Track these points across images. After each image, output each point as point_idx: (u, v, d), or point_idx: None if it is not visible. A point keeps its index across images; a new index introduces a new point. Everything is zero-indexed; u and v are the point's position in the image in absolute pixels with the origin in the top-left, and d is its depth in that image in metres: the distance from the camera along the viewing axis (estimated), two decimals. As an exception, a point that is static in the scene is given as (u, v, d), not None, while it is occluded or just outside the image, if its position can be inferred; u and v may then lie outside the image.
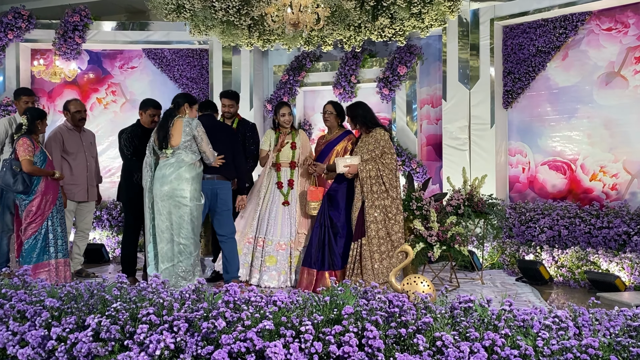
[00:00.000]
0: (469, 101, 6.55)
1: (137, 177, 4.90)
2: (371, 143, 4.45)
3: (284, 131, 5.02)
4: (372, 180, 4.38)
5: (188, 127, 4.25)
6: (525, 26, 6.39)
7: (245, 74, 7.55)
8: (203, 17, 6.26)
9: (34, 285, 2.77)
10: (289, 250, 4.79)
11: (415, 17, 6.02)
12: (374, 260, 4.30)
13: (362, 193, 4.40)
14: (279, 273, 4.74)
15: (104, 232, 7.02)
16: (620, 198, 5.75)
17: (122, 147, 5.00)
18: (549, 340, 2.05)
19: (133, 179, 4.90)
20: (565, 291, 4.94)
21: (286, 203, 4.87)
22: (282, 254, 4.78)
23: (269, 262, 4.75)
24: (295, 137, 5.00)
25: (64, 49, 7.44)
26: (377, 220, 4.34)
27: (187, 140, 4.25)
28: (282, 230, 4.81)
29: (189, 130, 4.24)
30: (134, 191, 4.89)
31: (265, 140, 5.05)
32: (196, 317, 2.25)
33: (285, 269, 4.76)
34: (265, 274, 4.73)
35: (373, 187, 4.37)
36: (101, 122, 7.88)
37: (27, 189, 4.61)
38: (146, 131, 5.01)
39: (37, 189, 4.64)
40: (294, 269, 4.79)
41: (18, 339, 2.41)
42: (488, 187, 5.71)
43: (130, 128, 5.08)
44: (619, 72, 5.83)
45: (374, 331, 2.05)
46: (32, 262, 4.59)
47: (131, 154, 4.92)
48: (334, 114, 4.91)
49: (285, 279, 4.76)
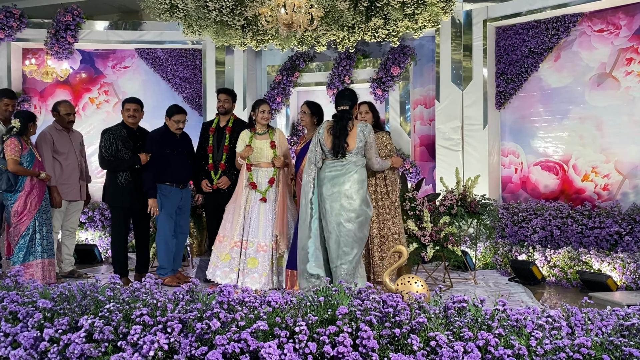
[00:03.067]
0: (462, 102, 6.57)
1: (121, 178, 4.90)
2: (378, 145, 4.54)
3: (260, 129, 4.89)
4: (377, 181, 4.51)
5: (362, 132, 4.14)
6: (518, 27, 6.43)
7: (239, 74, 7.53)
8: (196, 17, 6.25)
9: (26, 286, 2.75)
10: (270, 251, 4.70)
11: (408, 17, 6.04)
12: (374, 258, 4.42)
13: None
14: (260, 275, 4.64)
15: (96, 233, 6.98)
16: (612, 198, 5.79)
17: (101, 147, 4.98)
18: (542, 339, 2.06)
19: (117, 180, 4.93)
20: (557, 291, 4.96)
21: (263, 200, 4.76)
22: (263, 256, 4.68)
23: (250, 264, 4.67)
24: (273, 136, 4.89)
25: (56, 49, 7.39)
26: (380, 220, 4.47)
27: (361, 145, 4.13)
28: (263, 232, 4.72)
29: (363, 137, 4.12)
30: (119, 192, 4.93)
31: (240, 143, 4.91)
32: (190, 318, 2.24)
33: (267, 271, 4.65)
34: (247, 276, 4.65)
35: (377, 188, 4.51)
36: (93, 121, 7.85)
37: (10, 188, 4.70)
38: (130, 131, 5.01)
39: (22, 189, 4.72)
40: (276, 270, 4.69)
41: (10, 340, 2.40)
42: (481, 187, 5.73)
43: (113, 128, 5.08)
44: (611, 73, 5.87)
45: (368, 331, 2.05)
46: (20, 262, 4.64)
47: (109, 155, 4.92)
48: (307, 113, 4.84)
49: (267, 281, 4.65)
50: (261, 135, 4.89)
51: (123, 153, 4.93)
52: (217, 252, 4.79)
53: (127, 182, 4.94)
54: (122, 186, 4.93)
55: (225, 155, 5.09)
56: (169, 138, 5.07)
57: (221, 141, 5.15)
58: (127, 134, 5.00)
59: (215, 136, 5.17)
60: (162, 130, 5.10)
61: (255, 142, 4.86)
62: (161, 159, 4.97)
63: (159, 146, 4.99)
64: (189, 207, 5.22)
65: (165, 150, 4.99)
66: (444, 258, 5.04)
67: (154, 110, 7.51)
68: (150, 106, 7.58)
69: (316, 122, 4.87)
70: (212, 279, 4.76)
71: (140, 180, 4.94)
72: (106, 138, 4.96)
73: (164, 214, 4.98)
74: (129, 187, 4.94)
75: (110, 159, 4.93)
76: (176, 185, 5.02)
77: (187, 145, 5.18)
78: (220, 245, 4.80)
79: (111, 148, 4.92)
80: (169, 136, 5.08)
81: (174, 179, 5.00)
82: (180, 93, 7.81)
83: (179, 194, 5.06)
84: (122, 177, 4.94)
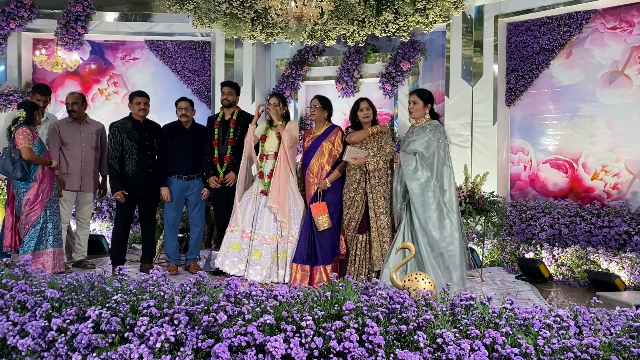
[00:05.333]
0: (472, 98, 6.52)
1: (128, 169, 5.02)
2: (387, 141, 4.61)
3: (274, 121, 4.85)
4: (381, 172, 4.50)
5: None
6: (530, 24, 6.37)
7: (248, 67, 7.51)
8: (206, 9, 6.23)
9: (34, 276, 2.77)
10: (274, 244, 4.70)
11: (419, 12, 5.99)
12: (385, 249, 4.45)
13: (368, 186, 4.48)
14: (262, 268, 4.66)
15: (104, 224, 7.02)
16: (622, 197, 5.75)
17: (108, 141, 5.19)
18: (549, 339, 2.05)
19: (124, 170, 5.05)
20: (564, 290, 4.94)
21: (264, 193, 4.77)
22: (267, 248, 4.69)
23: (255, 256, 4.69)
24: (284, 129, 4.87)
25: (66, 39, 7.40)
26: (387, 212, 4.49)
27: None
28: (267, 224, 4.72)
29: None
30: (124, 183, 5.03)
31: (258, 132, 4.92)
32: (197, 311, 2.24)
33: (268, 264, 4.66)
34: (251, 267, 4.68)
35: (381, 180, 4.49)
36: (102, 113, 7.85)
37: (25, 176, 4.73)
38: (137, 124, 5.08)
39: (34, 177, 4.77)
40: (281, 264, 4.69)
41: (18, 329, 2.41)
42: (489, 184, 5.70)
43: (119, 122, 5.20)
44: (623, 71, 5.81)
45: (374, 327, 2.04)
46: (30, 251, 4.67)
47: (114, 149, 5.05)
48: (318, 107, 4.80)
49: (269, 274, 4.66)
50: (275, 127, 4.90)
51: (128, 145, 5.05)
52: (227, 241, 4.81)
53: (133, 172, 5.05)
54: (128, 176, 5.02)
55: (230, 148, 5.10)
56: (175, 130, 5.22)
57: (226, 134, 5.16)
58: (133, 126, 5.12)
59: (220, 129, 5.19)
60: (174, 122, 5.32)
61: (269, 133, 4.92)
62: (164, 149, 5.17)
63: (165, 137, 5.19)
64: (198, 199, 5.23)
65: (168, 141, 5.16)
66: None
67: (163, 102, 7.54)
68: (159, 98, 7.62)
69: (326, 116, 4.86)
70: (220, 267, 4.79)
71: (145, 171, 5.09)
72: (112, 132, 5.12)
73: (166, 204, 5.18)
74: (135, 177, 5.06)
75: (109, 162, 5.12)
76: (177, 176, 5.08)
77: (194, 137, 5.20)
78: (231, 235, 4.81)
79: (115, 142, 5.07)
80: (175, 128, 5.23)
81: (174, 170, 5.13)
82: (189, 85, 7.80)
83: (181, 184, 5.12)
84: (129, 167, 5.03)
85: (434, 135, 4.28)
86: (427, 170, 4.24)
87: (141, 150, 5.08)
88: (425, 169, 4.24)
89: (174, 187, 5.15)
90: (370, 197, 4.46)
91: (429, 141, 4.26)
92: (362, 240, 4.54)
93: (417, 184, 4.23)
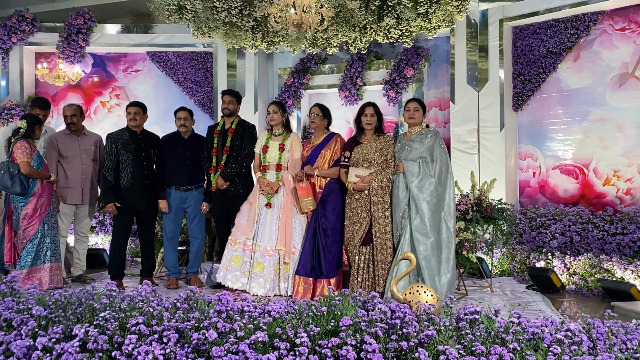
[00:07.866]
0: (478, 104, 6.41)
1: (123, 180, 4.97)
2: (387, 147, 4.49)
3: (275, 130, 4.85)
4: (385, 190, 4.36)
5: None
6: (536, 27, 6.25)
7: (250, 77, 7.46)
8: (205, 19, 6.18)
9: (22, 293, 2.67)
10: (276, 256, 4.61)
11: (421, 17, 5.89)
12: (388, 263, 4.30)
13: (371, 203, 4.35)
14: (265, 280, 4.56)
15: (106, 237, 6.94)
16: (635, 203, 5.57)
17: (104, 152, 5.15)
18: (561, 355, 1.91)
19: (120, 182, 4.98)
20: (577, 300, 4.77)
21: (268, 205, 4.70)
22: (269, 260, 4.59)
23: (257, 269, 4.60)
24: (286, 139, 4.81)
25: (68, 52, 7.40)
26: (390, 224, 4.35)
27: None
28: (269, 235, 4.64)
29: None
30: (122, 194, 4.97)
31: (258, 143, 4.91)
32: (187, 328, 2.15)
33: (272, 276, 4.56)
34: (253, 280, 4.59)
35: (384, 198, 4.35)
36: (105, 125, 7.82)
37: (24, 190, 4.69)
38: (133, 134, 5.01)
39: (33, 192, 4.72)
40: (283, 276, 4.58)
41: (4, 348, 2.33)
42: (497, 191, 5.56)
43: (115, 132, 5.18)
44: (633, 73, 5.67)
45: (373, 344, 1.93)
46: (27, 266, 4.60)
47: (109, 160, 5.00)
48: (319, 115, 4.76)
49: (273, 287, 4.56)
50: (276, 136, 4.85)
51: (124, 156, 4.99)
52: (228, 255, 4.72)
53: (128, 184, 4.97)
54: (123, 188, 4.93)
55: (225, 157, 5.02)
56: (173, 140, 5.18)
57: (225, 143, 5.08)
58: (129, 137, 5.06)
59: (220, 138, 5.10)
60: (173, 132, 5.28)
61: (270, 143, 4.85)
62: (163, 160, 5.11)
63: (163, 148, 5.15)
64: (197, 211, 5.14)
65: (166, 152, 5.12)
66: (458, 265, 4.87)
67: (165, 113, 7.50)
68: (161, 109, 7.59)
69: (326, 125, 4.81)
70: (222, 282, 4.71)
71: (142, 183, 5.02)
72: (108, 142, 5.08)
73: (165, 216, 5.12)
74: (130, 189, 4.98)
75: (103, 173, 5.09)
76: (175, 187, 5.01)
77: (192, 147, 5.13)
78: (231, 248, 4.72)
79: (111, 152, 5.01)
80: (174, 138, 5.19)
81: (172, 181, 5.08)
82: (191, 97, 7.76)
83: (179, 196, 5.05)
84: (124, 179, 4.98)
85: (436, 140, 4.36)
86: (431, 175, 4.27)
87: (136, 161, 5.00)
88: (429, 175, 4.26)
89: (172, 198, 5.07)
90: (375, 215, 4.34)
91: (433, 146, 4.33)
92: (365, 252, 4.41)
93: (421, 189, 4.23)
